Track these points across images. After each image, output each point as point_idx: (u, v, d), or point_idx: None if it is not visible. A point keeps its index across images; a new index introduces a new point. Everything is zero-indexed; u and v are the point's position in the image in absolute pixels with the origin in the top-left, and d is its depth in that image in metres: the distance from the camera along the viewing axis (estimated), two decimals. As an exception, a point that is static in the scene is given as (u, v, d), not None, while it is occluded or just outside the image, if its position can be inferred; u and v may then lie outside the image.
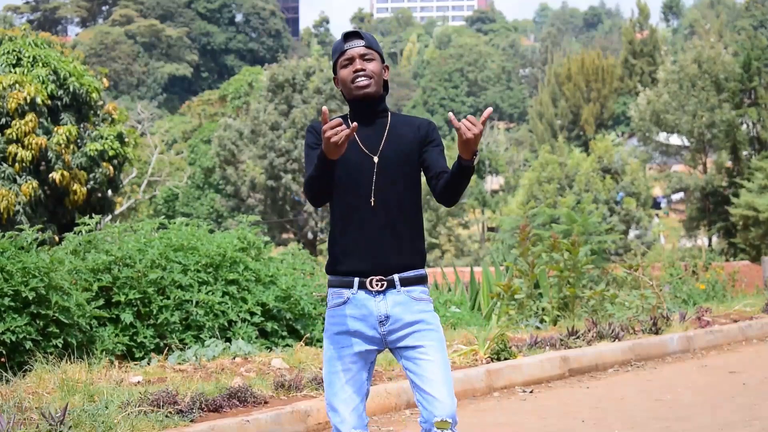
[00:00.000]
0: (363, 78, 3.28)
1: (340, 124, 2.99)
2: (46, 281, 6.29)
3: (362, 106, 3.32)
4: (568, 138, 53.78)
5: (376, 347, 3.30)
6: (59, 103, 19.10)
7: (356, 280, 3.24)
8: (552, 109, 56.66)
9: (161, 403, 4.88)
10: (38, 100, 18.31)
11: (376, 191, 3.24)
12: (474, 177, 51.39)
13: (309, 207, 36.71)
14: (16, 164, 18.38)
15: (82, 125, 19.54)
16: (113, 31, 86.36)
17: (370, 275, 3.24)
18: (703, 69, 37.54)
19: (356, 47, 3.31)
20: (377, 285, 3.24)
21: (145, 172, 40.98)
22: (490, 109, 3.11)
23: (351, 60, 3.30)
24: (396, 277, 3.25)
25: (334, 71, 3.38)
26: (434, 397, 3.22)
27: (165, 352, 6.86)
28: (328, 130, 2.98)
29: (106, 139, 19.47)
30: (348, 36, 3.34)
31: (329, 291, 3.32)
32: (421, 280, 3.31)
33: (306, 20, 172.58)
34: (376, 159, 3.27)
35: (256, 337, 7.36)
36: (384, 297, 3.25)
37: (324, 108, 3.01)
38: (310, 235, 36.54)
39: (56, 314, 6.31)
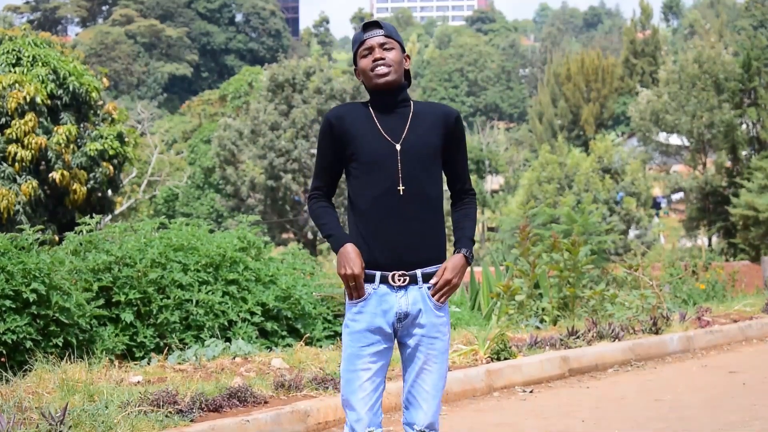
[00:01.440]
0: (382, 66, 3.25)
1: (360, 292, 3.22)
2: (46, 281, 6.29)
3: (383, 95, 3.29)
4: (568, 138, 53.76)
5: (391, 344, 3.30)
6: (59, 103, 19.11)
7: (378, 274, 3.21)
8: (552, 109, 56.66)
9: (161, 403, 4.88)
10: (38, 99, 18.32)
11: (404, 179, 3.21)
12: (474, 177, 51.48)
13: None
14: (16, 164, 18.39)
15: (82, 125, 19.55)
16: (113, 31, 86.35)
17: (392, 269, 3.21)
18: (703, 69, 37.53)
19: (375, 36, 3.29)
20: (399, 280, 3.21)
21: (145, 172, 40.98)
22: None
23: (370, 49, 3.28)
24: (418, 272, 3.23)
25: (355, 62, 3.36)
26: (420, 407, 3.26)
27: (165, 351, 6.86)
28: (354, 289, 3.21)
29: (106, 138, 19.48)
30: (367, 26, 3.33)
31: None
32: None
33: (306, 20, 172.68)
34: (398, 146, 3.23)
35: (256, 337, 7.36)
36: (405, 292, 3.22)
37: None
38: (310, 235, 36.53)
39: (56, 314, 6.31)
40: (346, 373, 3.26)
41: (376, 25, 3.32)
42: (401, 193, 3.20)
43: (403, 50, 3.34)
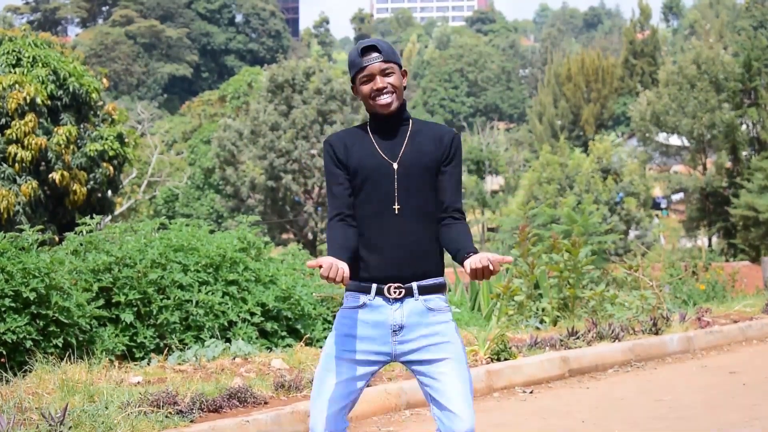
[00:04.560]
0: (386, 96, 3.23)
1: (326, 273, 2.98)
2: (46, 281, 6.30)
3: (385, 119, 3.28)
4: (568, 138, 53.76)
5: (382, 360, 3.23)
6: (59, 104, 19.12)
7: (374, 286, 3.19)
8: (552, 109, 56.63)
9: (161, 404, 4.88)
10: (38, 100, 18.32)
11: (399, 198, 3.20)
12: (474, 178, 51.47)
13: (309, 207, 36.71)
14: (16, 164, 18.39)
15: (82, 125, 19.56)
16: (113, 32, 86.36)
17: (388, 282, 3.19)
18: (702, 70, 37.54)
19: (375, 62, 3.23)
20: (395, 292, 3.18)
21: (145, 173, 40.98)
22: (510, 259, 3.07)
23: (371, 77, 3.24)
24: (414, 285, 3.20)
25: (353, 81, 3.31)
26: (453, 413, 3.13)
27: (165, 352, 6.86)
28: (325, 277, 2.99)
29: (106, 139, 19.48)
30: (365, 50, 3.25)
31: (346, 294, 3.27)
32: (440, 288, 3.24)
33: (306, 20, 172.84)
34: (395, 166, 3.22)
35: (256, 338, 7.36)
36: (401, 305, 3.19)
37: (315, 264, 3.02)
38: (310, 236, 36.54)
39: (56, 314, 6.31)
40: (319, 372, 3.23)
41: (374, 49, 3.25)
42: (396, 212, 3.20)
43: (400, 67, 3.29)
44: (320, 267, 2.99)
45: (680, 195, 43.52)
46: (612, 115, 57.25)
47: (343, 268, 3.01)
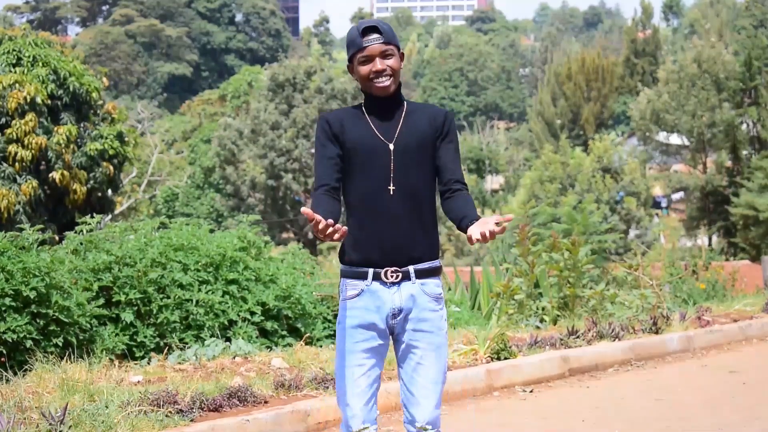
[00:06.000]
0: (384, 79, 3.23)
1: (329, 227, 2.95)
2: (46, 281, 6.30)
3: (380, 100, 3.28)
4: (568, 137, 53.74)
5: (386, 341, 3.30)
6: (59, 103, 19.12)
7: (371, 271, 3.21)
8: (552, 108, 56.58)
9: (161, 403, 4.88)
10: (38, 99, 18.33)
11: (395, 179, 3.21)
12: (474, 177, 51.48)
13: (309, 206, 36.69)
14: (16, 164, 18.39)
15: (82, 125, 19.57)
16: (113, 31, 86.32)
17: (385, 266, 3.20)
18: (702, 69, 37.53)
19: (375, 44, 3.22)
20: (392, 276, 3.21)
21: (145, 172, 40.97)
22: (510, 216, 3.09)
23: (370, 58, 3.22)
24: (411, 268, 3.22)
25: (350, 60, 3.29)
26: (419, 403, 3.25)
27: (165, 351, 6.86)
28: (320, 232, 2.97)
29: (106, 138, 19.49)
30: (366, 30, 3.24)
31: (342, 281, 3.29)
32: (436, 272, 3.28)
33: (306, 20, 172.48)
34: (391, 146, 3.23)
35: (257, 337, 7.36)
36: (398, 288, 3.22)
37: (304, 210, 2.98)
38: (310, 235, 36.53)
39: (56, 313, 6.31)
40: (339, 370, 3.26)
41: (374, 29, 3.24)
42: (391, 193, 3.21)
43: (398, 48, 3.29)
44: (318, 222, 2.97)
45: (680, 194, 43.52)
46: (612, 114, 57.21)
47: (340, 226, 3.00)
